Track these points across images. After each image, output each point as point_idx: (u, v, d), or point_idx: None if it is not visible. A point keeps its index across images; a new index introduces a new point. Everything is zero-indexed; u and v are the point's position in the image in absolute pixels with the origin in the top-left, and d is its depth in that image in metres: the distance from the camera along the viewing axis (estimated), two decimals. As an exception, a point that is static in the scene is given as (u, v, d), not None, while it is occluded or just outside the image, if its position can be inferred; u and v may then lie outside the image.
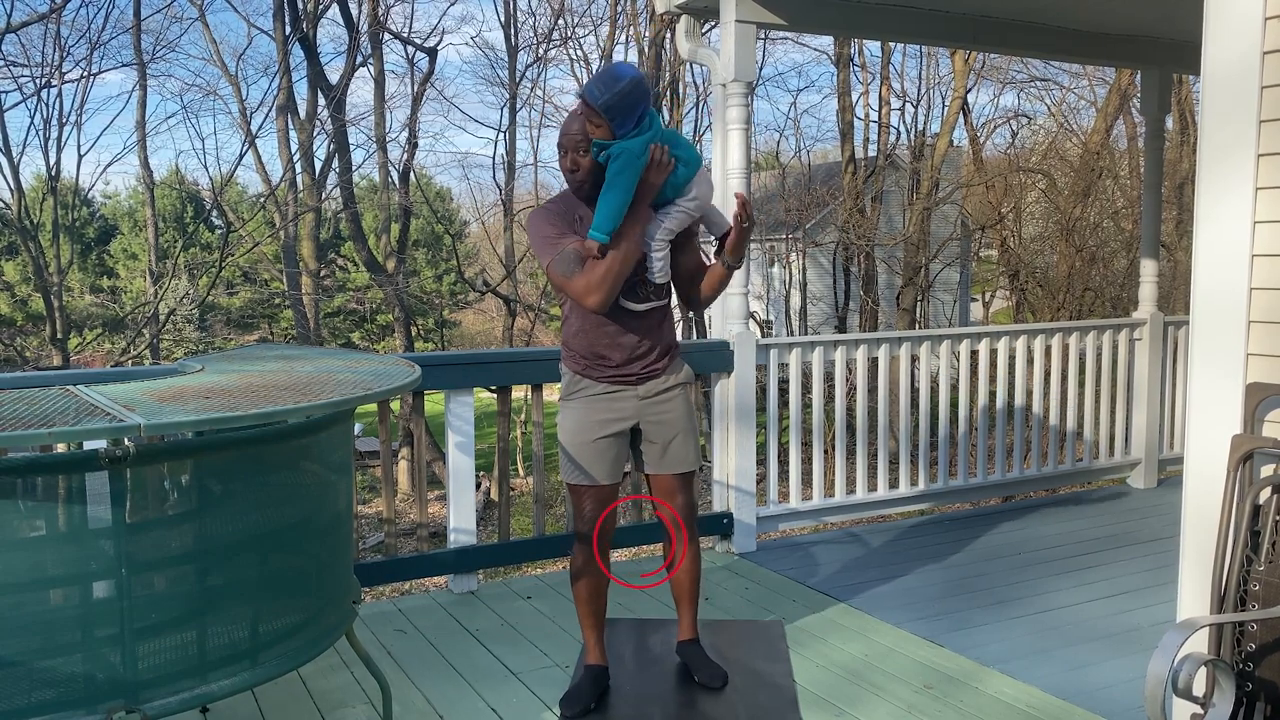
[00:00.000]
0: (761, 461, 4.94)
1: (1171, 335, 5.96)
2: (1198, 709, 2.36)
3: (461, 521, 4.21)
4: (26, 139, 19.10)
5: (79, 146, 34.08)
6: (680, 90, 17.61)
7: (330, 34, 35.85)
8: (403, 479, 15.90)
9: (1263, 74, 2.43)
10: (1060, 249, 16.03)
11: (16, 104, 15.32)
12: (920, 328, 16.48)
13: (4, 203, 14.48)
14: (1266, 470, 2.48)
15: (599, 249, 2.76)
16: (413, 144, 18.44)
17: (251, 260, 21.56)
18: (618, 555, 5.40)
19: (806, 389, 8.54)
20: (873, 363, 5.08)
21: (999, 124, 20.23)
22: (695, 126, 17.37)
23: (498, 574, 4.74)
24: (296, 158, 17.77)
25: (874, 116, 18.85)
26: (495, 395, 4.32)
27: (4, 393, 2.42)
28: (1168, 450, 6.00)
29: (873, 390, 5.24)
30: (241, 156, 18.48)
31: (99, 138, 54.05)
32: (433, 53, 18.71)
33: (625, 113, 2.68)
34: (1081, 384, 5.69)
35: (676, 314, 4.10)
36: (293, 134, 17.73)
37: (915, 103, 19.15)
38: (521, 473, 16.73)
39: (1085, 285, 15.38)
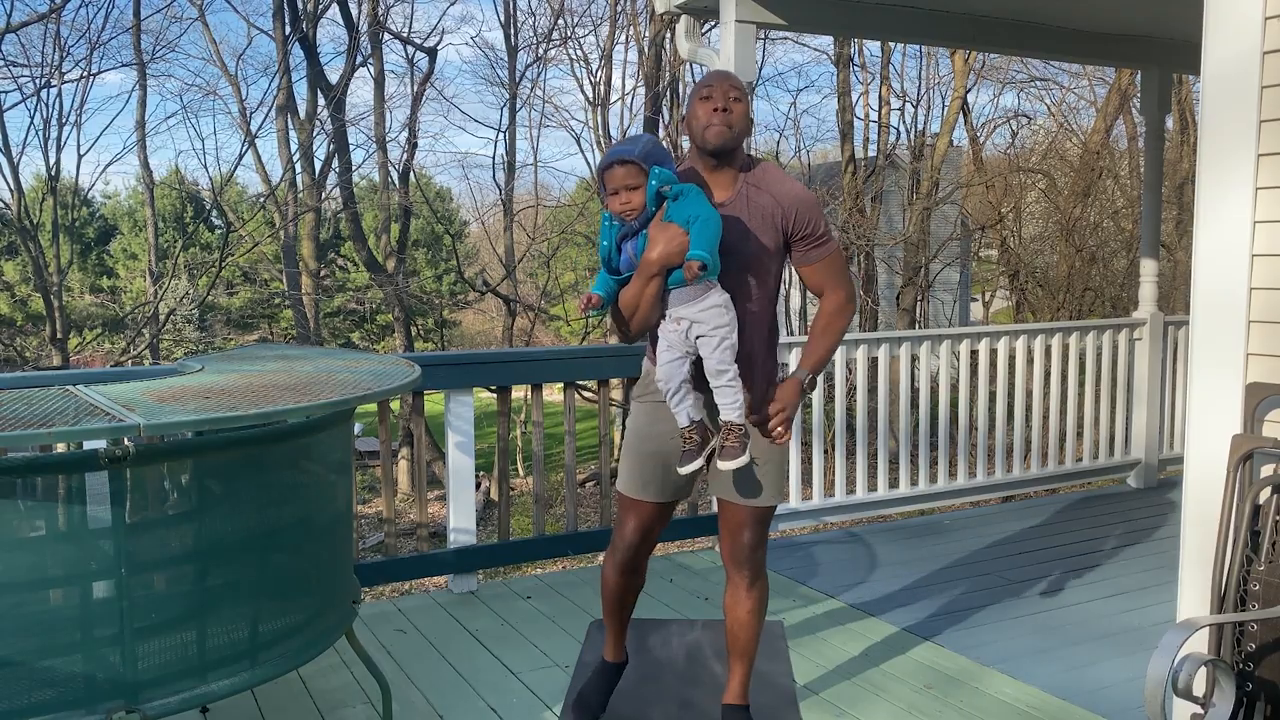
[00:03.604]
0: (761, 461, 4.93)
1: (1171, 335, 5.96)
2: (1198, 709, 2.36)
3: (461, 521, 4.21)
4: (26, 139, 18.99)
5: (79, 146, 33.86)
6: (680, 90, 17.59)
7: (330, 34, 35.81)
8: (403, 479, 15.89)
9: (1263, 74, 2.43)
10: (1060, 249, 16.03)
11: (16, 104, 15.29)
12: (920, 328, 16.48)
13: (4, 203, 14.47)
14: (1266, 470, 2.48)
15: (699, 267, 2.39)
16: (413, 144, 18.44)
17: (251, 260, 21.55)
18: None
19: (806, 389, 8.52)
20: (873, 363, 5.08)
21: (999, 124, 20.23)
22: (695, 126, 17.32)
23: (497, 574, 4.74)
24: (296, 158, 17.76)
25: (874, 116, 18.84)
26: (495, 395, 4.32)
27: (4, 393, 2.42)
28: (1168, 450, 6.00)
29: (873, 390, 5.24)
30: (241, 156, 18.48)
31: (99, 138, 54.00)
32: (433, 53, 18.71)
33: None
34: (1081, 384, 5.69)
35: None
36: (293, 134, 17.72)
37: (915, 103, 19.13)
38: (521, 473, 16.73)
39: (1085, 285, 15.38)
